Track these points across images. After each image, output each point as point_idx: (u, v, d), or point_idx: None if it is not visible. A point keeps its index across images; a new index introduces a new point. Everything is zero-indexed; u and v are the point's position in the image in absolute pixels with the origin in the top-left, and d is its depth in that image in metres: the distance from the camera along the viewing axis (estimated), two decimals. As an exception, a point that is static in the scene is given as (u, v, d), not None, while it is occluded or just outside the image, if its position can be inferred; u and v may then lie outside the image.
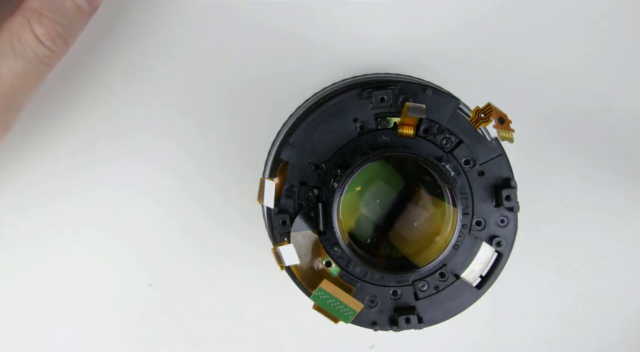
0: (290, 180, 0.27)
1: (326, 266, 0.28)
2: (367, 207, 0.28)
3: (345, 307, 0.27)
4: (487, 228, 0.28)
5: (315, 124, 0.27)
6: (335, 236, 0.27)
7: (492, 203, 0.28)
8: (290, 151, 0.27)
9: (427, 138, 0.28)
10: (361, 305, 0.27)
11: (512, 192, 0.27)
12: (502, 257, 0.28)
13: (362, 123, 0.27)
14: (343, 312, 0.27)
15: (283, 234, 0.27)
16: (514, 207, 0.28)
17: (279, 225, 0.27)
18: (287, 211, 0.27)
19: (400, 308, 0.28)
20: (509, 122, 0.27)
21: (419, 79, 0.32)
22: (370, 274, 0.28)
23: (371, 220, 0.28)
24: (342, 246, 0.27)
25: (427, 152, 0.27)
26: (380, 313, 0.28)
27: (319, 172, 0.27)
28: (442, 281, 0.28)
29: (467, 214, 0.28)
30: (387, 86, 0.27)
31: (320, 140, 0.27)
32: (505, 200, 0.27)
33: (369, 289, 0.28)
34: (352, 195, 0.28)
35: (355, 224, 0.28)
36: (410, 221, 0.28)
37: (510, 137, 0.27)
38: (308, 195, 0.27)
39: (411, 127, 0.27)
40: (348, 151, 0.27)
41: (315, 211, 0.27)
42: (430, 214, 0.28)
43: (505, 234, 0.28)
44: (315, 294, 0.27)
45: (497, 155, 0.28)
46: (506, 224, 0.28)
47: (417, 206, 0.28)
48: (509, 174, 0.28)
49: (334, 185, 0.27)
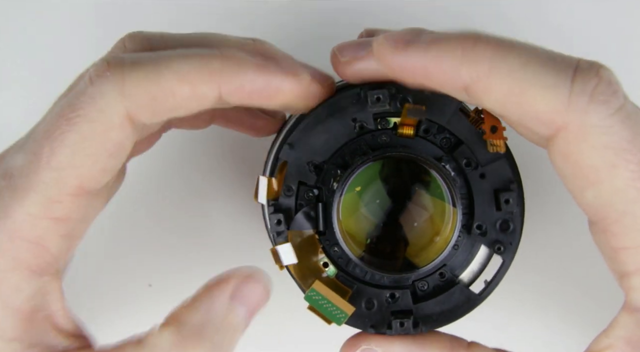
0: (289, 180, 0.27)
1: (323, 266, 0.28)
2: (367, 207, 0.28)
3: (338, 310, 0.27)
4: (487, 231, 0.28)
5: (315, 124, 0.27)
6: (335, 236, 0.27)
7: (493, 206, 0.28)
8: (290, 151, 0.27)
9: (427, 138, 0.27)
10: (353, 308, 0.27)
11: (512, 196, 0.27)
12: (505, 264, 0.28)
13: (361, 123, 0.27)
14: (335, 314, 0.27)
15: (279, 233, 0.27)
16: (514, 212, 0.27)
17: (274, 224, 0.27)
18: (285, 210, 0.27)
19: (397, 312, 0.28)
20: (502, 129, 0.26)
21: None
22: (369, 275, 0.28)
23: (371, 220, 0.28)
24: (342, 246, 0.27)
25: (427, 152, 0.27)
26: (377, 316, 0.28)
27: (318, 172, 0.27)
28: (442, 281, 0.28)
29: (466, 214, 0.27)
30: (383, 86, 0.27)
31: (319, 140, 0.27)
32: (504, 203, 0.27)
33: (366, 291, 0.28)
34: (352, 195, 0.28)
35: (355, 224, 0.28)
36: (410, 221, 0.28)
37: (501, 147, 0.27)
38: (307, 195, 0.27)
39: (411, 127, 0.27)
40: (348, 151, 0.27)
41: (315, 211, 0.27)
42: (430, 214, 0.28)
43: (506, 239, 0.28)
44: (308, 295, 0.27)
45: (499, 158, 0.27)
46: (507, 228, 0.28)
47: (417, 205, 0.28)
48: (511, 178, 0.27)
49: (334, 185, 0.27)
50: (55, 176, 0.24)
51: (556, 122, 0.22)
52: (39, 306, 0.24)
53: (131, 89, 0.23)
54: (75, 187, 0.24)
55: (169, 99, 0.24)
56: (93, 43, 0.37)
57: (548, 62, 0.22)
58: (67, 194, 0.24)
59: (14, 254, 0.24)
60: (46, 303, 0.25)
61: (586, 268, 0.37)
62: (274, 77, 0.25)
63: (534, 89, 0.22)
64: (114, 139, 0.24)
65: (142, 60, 0.24)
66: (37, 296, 0.24)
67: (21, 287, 0.24)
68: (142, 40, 0.27)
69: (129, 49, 0.26)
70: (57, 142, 0.23)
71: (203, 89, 0.24)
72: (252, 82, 0.25)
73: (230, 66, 0.24)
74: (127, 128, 0.24)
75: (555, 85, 0.22)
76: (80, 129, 0.23)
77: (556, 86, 0.22)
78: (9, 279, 0.24)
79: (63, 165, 0.24)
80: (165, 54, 0.24)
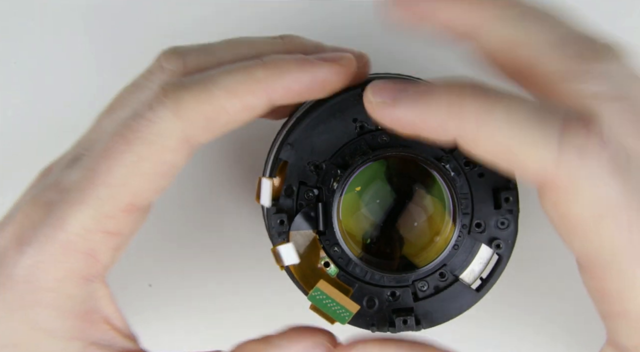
0: (290, 180, 0.27)
1: (324, 266, 0.28)
2: (367, 207, 0.28)
3: (342, 308, 0.27)
4: (487, 230, 0.28)
5: (315, 124, 0.27)
6: (335, 236, 0.27)
7: (492, 205, 0.28)
8: (290, 151, 0.27)
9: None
10: (357, 306, 0.27)
11: (511, 194, 0.27)
12: (502, 260, 0.28)
13: (362, 123, 0.27)
14: (339, 313, 0.27)
15: (281, 234, 0.27)
16: (513, 210, 0.27)
17: (276, 224, 0.27)
18: (286, 210, 0.27)
19: (398, 309, 0.28)
20: None
21: (419, 78, 0.32)
22: (370, 274, 0.28)
23: (371, 220, 0.28)
24: (342, 246, 0.27)
25: (427, 152, 0.27)
26: (378, 314, 0.28)
27: (318, 172, 0.27)
28: (442, 281, 0.28)
29: (467, 214, 0.28)
30: None
31: (320, 140, 0.27)
32: (505, 202, 0.27)
33: (367, 290, 0.28)
34: (352, 195, 0.28)
35: (355, 224, 0.28)
36: (410, 221, 0.28)
37: None
38: (308, 195, 0.27)
39: (411, 127, 0.27)
40: (348, 151, 0.27)
41: (315, 211, 0.27)
42: (430, 214, 0.28)
43: (505, 236, 0.28)
44: (312, 294, 0.27)
45: None
46: (506, 226, 0.28)
47: (417, 206, 0.28)
48: (509, 176, 0.27)
49: (334, 185, 0.27)
50: (110, 192, 0.25)
51: (545, 177, 0.22)
52: (93, 308, 0.26)
53: (186, 111, 0.24)
54: (127, 204, 0.25)
55: (221, 116, 0.25)
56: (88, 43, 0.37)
57: (535, 116, 0.22)
58: (120, 210, 0.25)
59: (69, 265, 0.25)
60: (100, 306, 0.26)
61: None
62: (318, 69, 0.25)
63: (522, 146, 0.22)
64: (168, 161, 0.25)
65: (193, 83, 0.25)
66: (91, 301, 0.26)
67: (75, 293, 0.25)
68: (178, 57, 0.27)
69: (167, 68, 0.27)
70: (114, 160, 0.25)
71: (252, 100, 0.25)
72: (298, 80, 0.25)
73: (273, 71, 0.25)
74: (182, 150, 0.25)
75: (543, 142, 0.21)
76: (138, 150, 0.25)
77: (544, 143, 0.21)
78: (64, 287, 0.25)
79: (118, 183, 0.25)
80: (212, 73, 0.25)
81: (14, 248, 0.25)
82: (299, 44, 0.29)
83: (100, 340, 0.26)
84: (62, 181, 0.26)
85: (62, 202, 0.25)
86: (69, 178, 0.26)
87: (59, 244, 0.25)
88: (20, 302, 0.25)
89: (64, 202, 0.25)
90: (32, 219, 0.25)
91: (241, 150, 0.36)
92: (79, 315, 0.26)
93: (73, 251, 0.25)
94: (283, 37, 0.29)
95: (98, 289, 0.26)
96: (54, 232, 0.25)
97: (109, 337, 0.26)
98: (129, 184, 0.25)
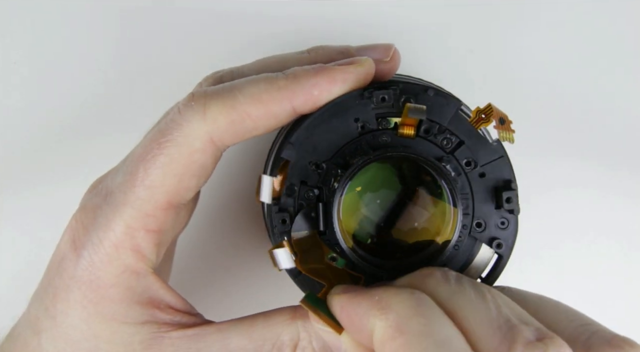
0: (291, 179, 0.27)
1: (331, 260, 0.28)
2: (368, 207, 0.28)
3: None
4: (487, 229, 0.28)
5: (317, 124, 0.27)
6: (336, 235, 0.27)
7: (492, 205, 0.28)
8: (291, 150, 0.27)
9: (427, 138, 0.28)
10: (342, 329, 0.26)
11: (512, 195, 0.27)
12: (502, 260, 0.28)
13: (363, 123, 0.27)
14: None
15: (283, 233, 0.27)
16: (514, 210, 0.28)
17: (279, 223, 0.27)
18: (287, 209, 0.27)
19: None
20: (509, 122, 0.27)
21: (419, 79, 0.32)
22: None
23: (371, 220, 0.28)
24: (343, 247, 0.27)
25: (428, 153, 0.27)
26: None
27: (319, 172, 0.27)
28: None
29: (467, 214, 0.28)
30: (388, 86, 0.27)
31: (321, 140, 0.27)
32: (506, 202, 0.27)
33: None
34: (353, 195, 0.28)
35: (355, 224, 0.28)
36: (411, 221, 0.28)
37: (510, 138, 0.27)
38: (308, 195, 0.27)
39: (412, 127, 0.27)
40: (349, 151, 0.27)
41: (315, 211, 0.27)
42: (430, 215, 0.28)
43: (505, 236, 0.28)
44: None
45: (499, 157, 0.27)
46: (506, 226, 0.28)
47: (417, 206, 0.28)
48: (510, 176, 0.28)
49: (335, 185, 0.27)
50: (149, 193, 0.27)
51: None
52: (154, 297, 0.28)
53: (212, 115, 0.27)
54: (165, 203, 0.27)
55: (246, 121, 0.27)
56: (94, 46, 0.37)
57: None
58: (159, 209, 0.27)
59: (122, 261, 0.27)
60: (160, 295, 0.28)
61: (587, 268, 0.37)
62: (337, 73, 0.27)
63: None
64: (197, 161, 0.27)
65: (219, 90, 0.27)
66: (150, 291, 0.28)
67: (133, 285, 0.28)
68: (216, 79, 0.30)
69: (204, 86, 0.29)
70: (149, 163, 0.27)
71: (275, 107, 0.27)
72: (318, 85, 0.27)
73: (293, 80, 0.27)
74: (209, 151, 0.27)
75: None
76: (169, 152, 0.27)
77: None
78: (123, 281, 0.28)
79: (155, 184, 0.27)
80: (237, 82, 0.27)
81: (72, 252, 0.28)
82: (324, 53, 0.31)
83: (169, 320, 0.28)
84: (108, 186, 0.28)
85: (107, 205, 0.27)
86: (113, 183, 0.28)
87: (110, 244, 0.27)
88: (89, 299, 0.27)
89: (109, 205, 0.27)
90: (83, 224, 0.28)
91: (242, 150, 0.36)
92: (143, 303, 0.28)
93: (122, 248, 0.27)
94: (310, 50, 0.31)
95: (153, 282, 0.28)
96: (105, 234, 0.27)
97: (177, 318, 0.28)
98: (165, 184, 0.27)
